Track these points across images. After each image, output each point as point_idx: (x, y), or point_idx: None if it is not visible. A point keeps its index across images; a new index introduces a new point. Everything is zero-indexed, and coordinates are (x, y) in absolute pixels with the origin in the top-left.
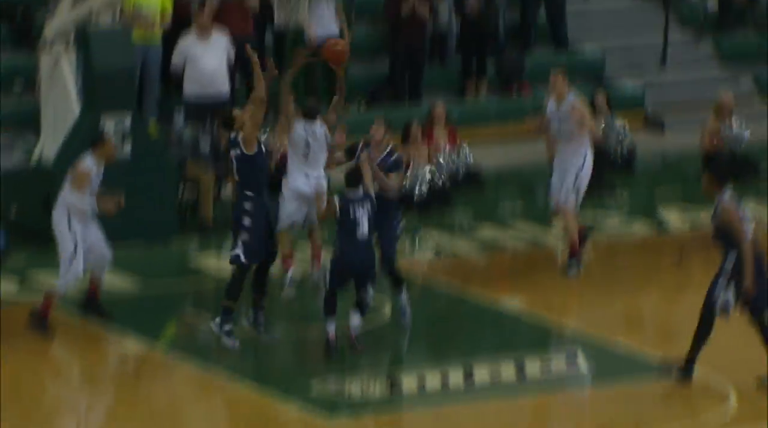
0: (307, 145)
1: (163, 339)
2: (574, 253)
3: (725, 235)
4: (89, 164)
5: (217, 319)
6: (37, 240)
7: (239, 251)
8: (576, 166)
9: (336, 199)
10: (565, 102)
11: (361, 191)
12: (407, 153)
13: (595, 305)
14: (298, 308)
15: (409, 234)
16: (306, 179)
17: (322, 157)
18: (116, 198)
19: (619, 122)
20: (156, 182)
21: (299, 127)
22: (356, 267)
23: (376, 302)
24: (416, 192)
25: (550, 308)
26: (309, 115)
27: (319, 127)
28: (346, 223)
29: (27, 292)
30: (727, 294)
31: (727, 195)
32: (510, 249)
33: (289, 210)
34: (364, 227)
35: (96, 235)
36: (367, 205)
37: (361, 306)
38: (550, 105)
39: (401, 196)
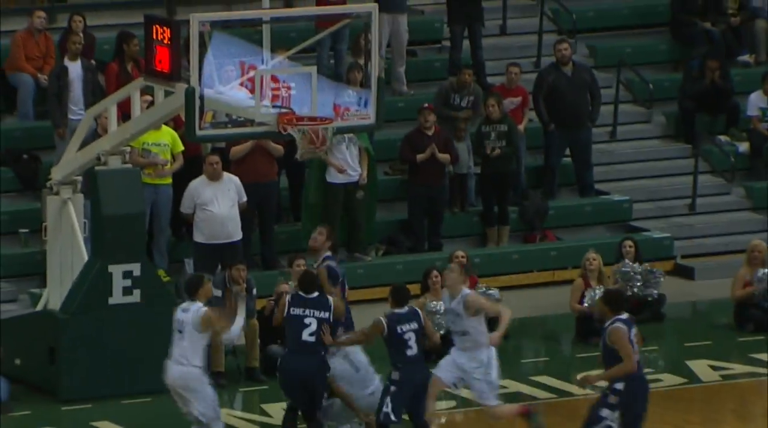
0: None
1: None
2: None
3: (612, 358)
4: (205, 307)
5: None
6: (41, 392)
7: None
8: (495, 366)
9: (383, 319)
10: (459, 296)
11: (406, 308)
12: (423, 303)
13: None
14: None
15: None
16: None
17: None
18: None
19: (648, 268)
20: (166, 330)
21: None
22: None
23: None
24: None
25: None
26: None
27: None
28: (395, 344)
29: None
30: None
31: (619, 320)
32: (531, 401)
33: None
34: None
35: None
36: (414, 324)
37: None
38: (444, 300)
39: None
